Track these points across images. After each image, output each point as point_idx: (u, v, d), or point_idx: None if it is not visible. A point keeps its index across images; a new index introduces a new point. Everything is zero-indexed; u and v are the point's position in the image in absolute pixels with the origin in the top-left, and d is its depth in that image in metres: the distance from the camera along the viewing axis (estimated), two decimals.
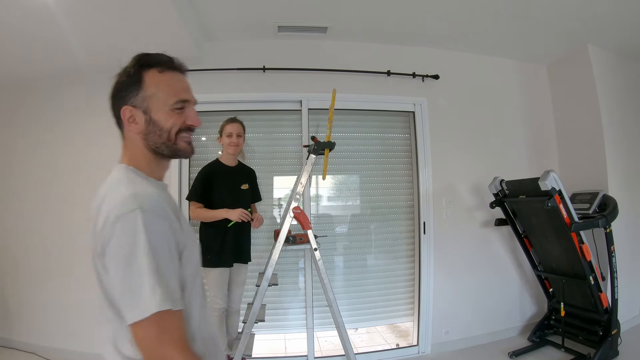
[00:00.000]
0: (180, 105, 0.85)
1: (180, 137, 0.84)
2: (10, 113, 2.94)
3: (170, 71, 0.86)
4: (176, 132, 0.84)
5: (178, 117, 0.85)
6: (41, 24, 2.16)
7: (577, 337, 2.61)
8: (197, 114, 0.89)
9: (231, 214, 2.17)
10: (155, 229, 0.68)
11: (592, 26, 2.70)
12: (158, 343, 0.64)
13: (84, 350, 2.67)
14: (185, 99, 0.86)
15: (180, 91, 0.87)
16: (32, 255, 2.81)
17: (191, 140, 0.87)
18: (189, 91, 0.89)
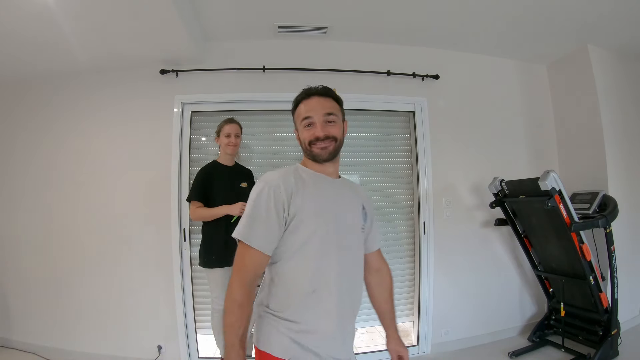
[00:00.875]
0: (306, 122, 1.14)
1: (314, 146, 1.12)
2: (9, 113, 2.94)
3: (305, 99, 1.18)
4: (308, 143, 1.13)
5: (308, 132, 1.13)
6: (41, 24, 2.16)
7: (577, 337, 2.61)
8: (322, 127, 1.11)
9: (232, 209, 2.19)
10: (262, 194, 1.04)
11: (592, 26, 2.70)
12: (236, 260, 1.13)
13: (84, 350, 2.68)
14: (306, 117, 1.14)
15: (304, 112, 1.16)
16: (32, 255, 2.81)
17: (324, 147, 1.11)
18: (312, 111, 1.13)
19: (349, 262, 1.11)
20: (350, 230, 1.13)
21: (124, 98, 2.81)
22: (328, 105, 1.13)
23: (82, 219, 2.76)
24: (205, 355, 2.73)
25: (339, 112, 1.15)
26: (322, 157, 1.12)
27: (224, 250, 2.21)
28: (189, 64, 2.77)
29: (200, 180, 2.28)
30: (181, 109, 2.78)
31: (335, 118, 1.12)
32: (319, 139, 1.10)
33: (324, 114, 1.11)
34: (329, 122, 1.11)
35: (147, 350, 2.65)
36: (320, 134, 1.10)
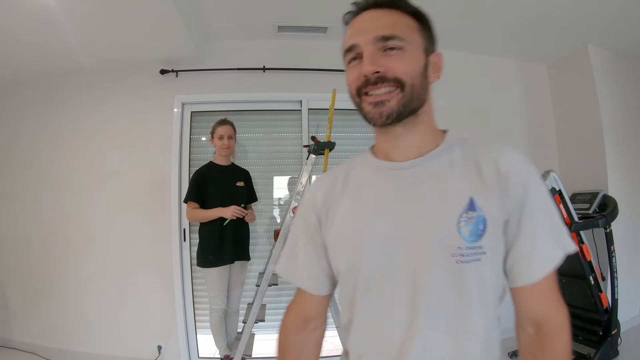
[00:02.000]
0: (351, 55, 0.63)
1: (364, 97, 0.62)
2: (8, 113, 2.94)
3: (354, 19, 0.64)
4: (356, 92, 0.64)
5: (354, 70, 0.62)
6: (41, 25, 2.16)
7: (577, 337, 2.61)
8: (371, 58, 0.59)
9: (225, 212, 2.20)
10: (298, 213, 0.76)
11: (592, 26, 2.70)
12: None
13: (84, 350, 2.68)
14: (351, 45, 0.62)
15: (350, 36, 0.63)
16: (32, 255, 2.81)
17: (382, 99, 0.60)
18: (358, 34, 0.61)
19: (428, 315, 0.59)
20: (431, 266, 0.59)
21: (124, 98, 2.81)
22: (388, 21, 0.60)
23: (82, 219, 2.76)
24: (205, 355, 2.73)
25: (411, 33, 0.62)
26: (375, 119, 0.62)
27: (219, 250, 2.23)
28: (189, 64, 2.77)
29: (195, 182, 2.30)
30: (181, 109, 2.78)
31: (400, 43, 0.59)
32: (368, 82, 0.60)
33: (377, 36, 0.59)
34: (388, 49, 0.59)
35: (147, 350, 2.65)
36: (366, 69, 0.59)
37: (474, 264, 0.57)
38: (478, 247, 0.57)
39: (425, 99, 0.65)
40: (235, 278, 2.36)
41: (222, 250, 2.24)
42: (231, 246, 2.26)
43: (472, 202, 0.59)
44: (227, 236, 2.24)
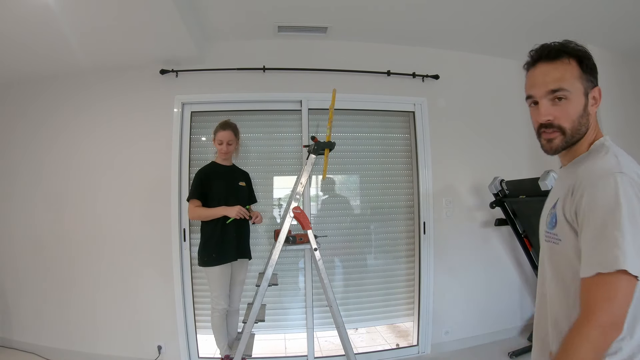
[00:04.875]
0: (530, 100, 0.88)
1: (542, 134, 0.88)
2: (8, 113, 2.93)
3: (531, 68, 0.89)
4: (537, 129, 0.89)
5: (535, 113, 0.88)
6: (41, 25, 2.16)
7: None
8: (545, 109, 0.84)
9: (229, 211, 2.22)
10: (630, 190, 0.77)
11: (592, 26, 2.70)
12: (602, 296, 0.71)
13: (84, 350, 2.68)
14: (528, 95, 0.88)
15: (529, 86, 0.88)
16: (32, 255, 2.81)
17: (551, 138, 0.86)
18: (536, 86, 0.85)
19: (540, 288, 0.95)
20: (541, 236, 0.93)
21: (124, 98, 2.81)
22: (556, 76, 0.82)
23: (82, 219, 2.76)
24: (205, 355, 2.73)
25: (575, 80, 0.82)
26: (547, 151, 0.88)
27: (222, 248, 2.24)
28: (189, 64, 2.77)
29: (198, 180, 2.31)
30: (181, 109, 2.78)
31: (565, 93, 0.81)
32: (542, 126, 0.86)
33: (548, 91, 0.83)
34: (556, 98, 0.83)
35: (147, 350, 2.65)
36: (542, 119, 0.85)
37: (552, 244, 0.84)
38: (554, 234, 0.83)
39: (586, 129, 0.85)
40: (235, 277, 2.36)
41: (225, 249, 2.25)
42: (234, 244, 2.28)
43: (556, 202, 0.85)
44: (230, 234, 2.26)
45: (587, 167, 0.79)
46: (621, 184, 0.71)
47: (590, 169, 0.78)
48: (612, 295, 0.68)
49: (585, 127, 0.84)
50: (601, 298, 0.69)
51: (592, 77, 0.84)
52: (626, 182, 0.71)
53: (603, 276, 0.68)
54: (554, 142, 0.85)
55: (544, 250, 0.89)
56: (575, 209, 0.76)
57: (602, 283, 0.68)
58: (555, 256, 0.84)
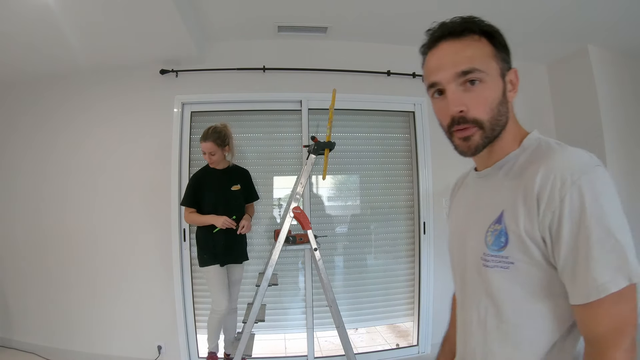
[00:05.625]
0: (433, 90, 0.68)
1: (454, 133, 0.68)
2: (8, 113, 2.94)
3: (432, 48, 0.70)
4: (447, 128, 0.70)
5: (440, 105, 0.69)
6: (40, 24, 2.16)
7: None
8: (455, 98, 0.65)
9: (216, 220, 2.22)
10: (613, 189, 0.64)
11: (592, 26, 2.70)
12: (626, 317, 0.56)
13: (84, 350, 2.68)
14: (431, 83, 0.68)
15: (432, 71, 0.68)
16: (32, 255, 2.81)
17: (467, 135, 0.66)
18: (442, 68, 0.65)
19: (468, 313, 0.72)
20: (470, 265, 0.71)
21: (124, 98, 2.81)
22: (466, 55, 0.65)
23: (82, 219, 2.76)
24: (205, 355, 2.73)
25: (489, 59, 0.66)
26: (465, 152, 0.70)
27: (213, 250, 2.28)
28: (189, 64, 2.77)
29: (190, 186, 2.34)
30: (181, 109, 2.78)
31: (479, 75, 0.64)
32: (454, 122, 0.67)
33: (458, 73, 0.64)
34: (468, 82, 0.64)
35: (147, 350, 2.65)
36: (452, 110, 0.65)
37: (498, 270, 0.63)
38: (503, 257, 0.63)
39: (506, 120, 0.69)
40: (230, 276, 2.38)
41: (214, 254, 2.29)
42: (221, 252, 2.29)
43: (502, 215, 0.64)
44: (218, 242, 2.28)
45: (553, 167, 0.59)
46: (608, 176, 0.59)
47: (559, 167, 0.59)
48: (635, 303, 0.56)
49: (505, 117, 0.67)
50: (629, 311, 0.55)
51: (507, 57, 0.69)
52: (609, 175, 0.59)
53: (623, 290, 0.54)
54: (472, 139, 0.67)
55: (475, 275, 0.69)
56: (549, 223, 0.58)
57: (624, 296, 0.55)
58: (504, 284, 0.63)
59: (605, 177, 0.58)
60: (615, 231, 0.56)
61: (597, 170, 0.58)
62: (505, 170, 0.69)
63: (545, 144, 0.66)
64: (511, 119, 0.70)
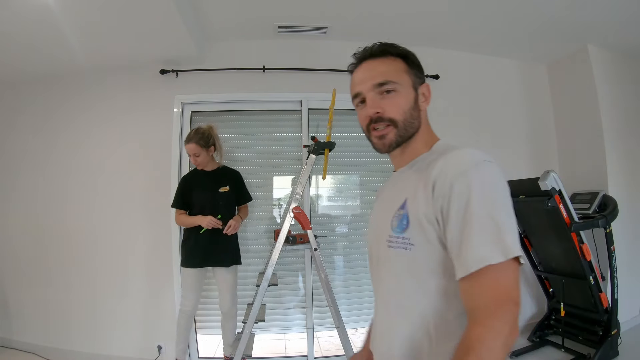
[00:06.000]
0: (357, 100, 0.84)
1: (372, 132, 0.80)
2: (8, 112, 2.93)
3: (356, 69, 0.85)
4: (366, 128, 0.82)
5: (362, 112, 0.82)
6: (40, 24, 2.16)
7: (577, 337, 2.61)
8: (371, 103, 0.79)
9: (202, 220, 2.21)
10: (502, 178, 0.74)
11: (592, 26, 2.70)
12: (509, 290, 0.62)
13: (84, 350, 2.68)
14: (355, 94, 0.83)
15: (355, 84, 0.84)
16: (32, 255, 2.80)
17: (383, 134, 0.78)
18: (362, 81, 0.81)
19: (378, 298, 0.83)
20: (381, 249, 0.79)
21: (124, 98, 2.81)
22: (382, 70, 0.79)
23: (81, 219, 2.76)
24: (205, 355, 2.73)
25: (402, 73, 0.79)
26: (380, 148, 0.81)
27: (191, 254, 2.27)
28: (189, 64, 2.77)
29: (179, 189, 2.36)
30: (181, 109, 2.78)
31: (393, 86, 0.77)
32: (372, 121, 0.79)
33: (375, 84, 0.78)
34: (384, 92, 0.78)
35: (147, 350, 2.65)
36: (369, 111, 0.78)
37: (401, 250, 0.71)
38: (405, 238, 0.71)
39: (418, 124, 0.81)
40: (220, 283, 2.35)
41: (194, 254, 2.26)
42: (203, 252, 2.25)
43: (405, 202, 0.73)
44: (201, 242, 2.25)
45: (448, 160, 0.69)
46: (496, 170, 0.69)
47: (454, 161, 0.68)
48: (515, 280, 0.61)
49: (417, 121, 0.80)
50: (507, 285, 0.60)
51: (420, 74, 0.83)
52: (498, 170, 0.69)
53: (501, 265, 0.60)
54: (386, 138, 0.78)
55: (383, 258, 0.77)
56: (441, 205, 0.66)
57: (502, 271, 0.60)
58: (405, 264, 0.71)
59: (492, 170, 0.69)
60: (496, 215, 0.63)
61: (486, 165, 0.68)
62: (415, 168, 0.78)
63: (448, 148, 0.75)
64: (424, 126, 0.83)
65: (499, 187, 0.67)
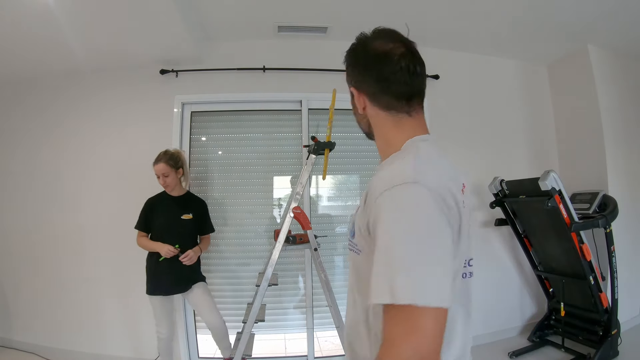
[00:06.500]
0: None
1: None
2: (8, 112, 2.94)
3: None
4: None
5: None
6: (41, 24, 2.16)
7: (577, 337, 2.61)
8: None
9: (160, 248, 2.17)
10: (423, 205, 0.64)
11: (592, 26, 2.70)
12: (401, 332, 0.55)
13: (84, 350, 2.68)
14: None
15: None
16: (32, 255, 2.80)
17: None
18: None
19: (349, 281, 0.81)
20: None
21: (124, 98, 2.81)
22: None
23: (82, 219, 2.76)
24: (205, 355, 2.73)
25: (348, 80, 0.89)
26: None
27: (156, 281, 2.23)
28: (189, 64, 2.77)
29: (143, 210, 2.30)
30: (181, 109, 2.78)
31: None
32: None
33: None
34: None
35: (147, 350, 2.64)
36: None
37: (353, 254, 0.74)
38: (354, 244, 0.73)
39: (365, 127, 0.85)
40: (195, 304, 2.33)
41: (159, 282, 2.22)
42: (164, 281, 2.22)
43: (357, 210, 0.74)
44: (163, 270, 2.20)
45: (380, 174, 0.65)
46: (411, 195, 0.58)
47: (382, 175, 0.64)
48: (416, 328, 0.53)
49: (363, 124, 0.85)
50: (399, 331, 0.53)
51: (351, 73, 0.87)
52: (415, 194, 0.58)
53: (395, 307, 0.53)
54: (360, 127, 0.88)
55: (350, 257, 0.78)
56: (367, 220, 0.64)
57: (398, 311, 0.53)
58: (359, 267, 0.72)
59: (406, 195, 0.58)
60: (396, 247, 0.56)
61: (405, 187, 0.59)
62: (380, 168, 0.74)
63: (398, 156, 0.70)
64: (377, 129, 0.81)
65: (412, 216, 0.57)
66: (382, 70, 0.72)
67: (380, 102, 0.75)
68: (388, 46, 0.73)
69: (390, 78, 0.72)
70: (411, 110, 0.74)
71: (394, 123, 0.75)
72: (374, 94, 0.76)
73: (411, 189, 0.58)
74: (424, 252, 0.55)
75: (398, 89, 0.72)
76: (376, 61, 0.74)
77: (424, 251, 0.55)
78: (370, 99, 0.77)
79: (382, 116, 0.76)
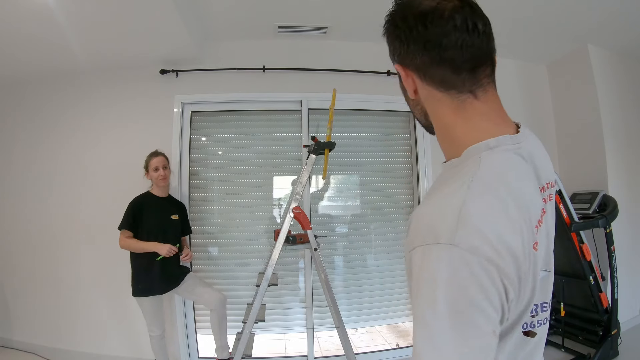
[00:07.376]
0: None
1: None
2: (8, 112, 2.94)
3: None
4: None
5: None
6: (41, 24, 2.16)
7: (577, 337, 2.61)
8: None
9: (160, 248, 2.16)
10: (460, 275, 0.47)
11: (592, 26, 2.70)
12: None
13: (84, 350, 2.68)
14: None
15: None
16: (32, 255, 2.80)
17: None
18: None
19: None
20: None
21: (124, 98, 2.81)
22: None
23: (82, 219, 2.76)
24: (205, 355, 2.73)
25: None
26: None
27: (149, 282, 2.21)
28: (189, 64, 2.77)
29: (130, 210, 2.26)
30: (181, 109, 2.78)
31: None
32: None
33: None
34: None
35: (147, 350, 2.64)
36: None
37: None
38: None
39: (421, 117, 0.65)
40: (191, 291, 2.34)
41: (152, 283, 2.21)
42: (159, 280, 2.22)
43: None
44: (156, 270, 2.20)
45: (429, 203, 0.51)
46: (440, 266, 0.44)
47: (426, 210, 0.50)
48: None
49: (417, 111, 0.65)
50: None
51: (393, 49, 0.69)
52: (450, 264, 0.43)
53: None
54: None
55: None
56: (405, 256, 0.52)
57: None
58: None
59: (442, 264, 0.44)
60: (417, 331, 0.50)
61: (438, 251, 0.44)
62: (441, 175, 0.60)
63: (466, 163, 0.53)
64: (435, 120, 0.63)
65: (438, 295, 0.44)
66: (430, 33, 0.53)
67: (433, 77, 0.55)
68: (435, 1, 0.54)
69: (443, 42, 0.52)
70: (477, 88, 0.57)
71: (454, 108, 0.56)
72: (424, 67, 0.55)
73: (445, 256, 0.43)
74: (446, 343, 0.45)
75: (453, 55, 0.52)
76: (421, 22, 0.54)
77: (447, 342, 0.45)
78: (419, 76, 0.57)
79: (438, 98, 0.57)
